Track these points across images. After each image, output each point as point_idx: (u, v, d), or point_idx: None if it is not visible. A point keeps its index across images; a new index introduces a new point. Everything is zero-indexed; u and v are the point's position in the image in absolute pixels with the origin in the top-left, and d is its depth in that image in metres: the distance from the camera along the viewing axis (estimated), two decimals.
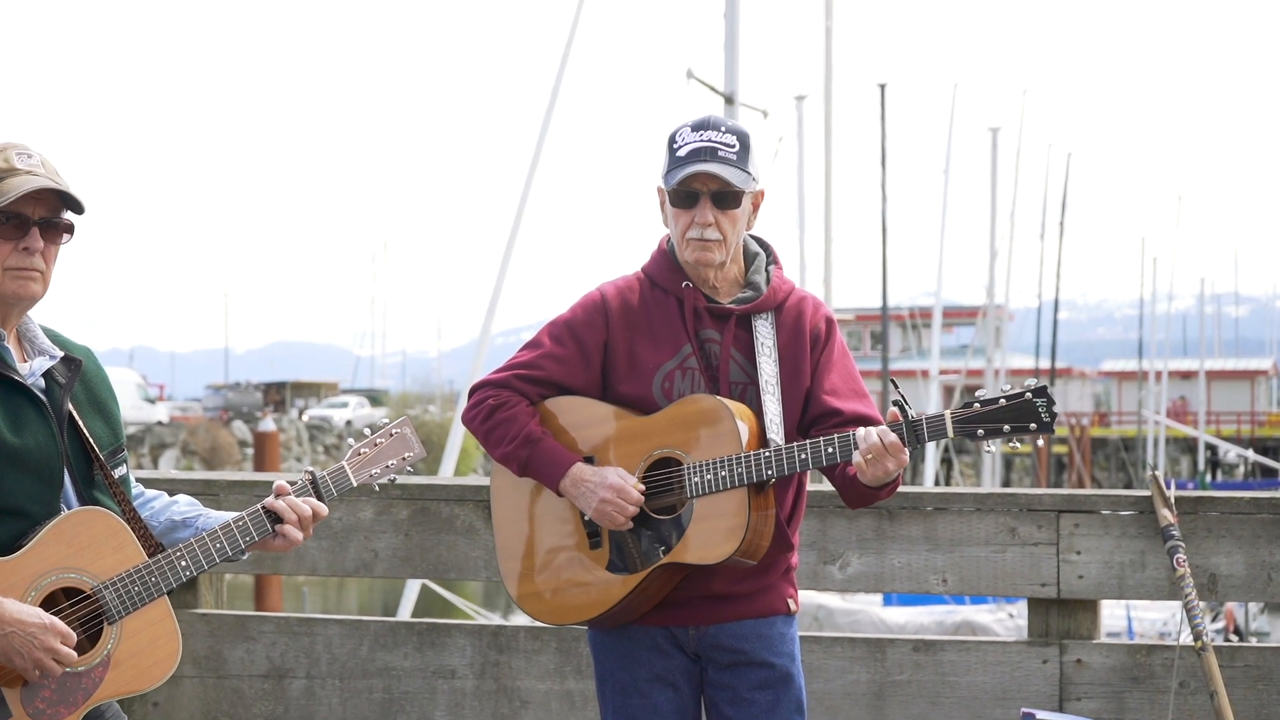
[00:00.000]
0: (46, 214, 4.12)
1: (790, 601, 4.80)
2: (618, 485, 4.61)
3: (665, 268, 4.79)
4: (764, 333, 4.72)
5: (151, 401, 58.98)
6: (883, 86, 44.90)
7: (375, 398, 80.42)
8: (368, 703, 6.26)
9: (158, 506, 4.45)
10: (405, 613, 16.55)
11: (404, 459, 4.58)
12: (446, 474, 17.93)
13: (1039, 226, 52.84)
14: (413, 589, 17.11)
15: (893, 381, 4.73)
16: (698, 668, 4.75)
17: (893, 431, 4.47)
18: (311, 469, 4.45)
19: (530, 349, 4.85)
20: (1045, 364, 51.13)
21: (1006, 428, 4.45)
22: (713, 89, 24.13)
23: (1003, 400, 4.45)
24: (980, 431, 4.46)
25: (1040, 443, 4.77)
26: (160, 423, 56.74)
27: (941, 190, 45.49)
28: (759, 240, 4.88)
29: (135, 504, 4.37)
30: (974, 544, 5.91)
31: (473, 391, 4.86)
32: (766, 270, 4.81)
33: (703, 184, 4.63)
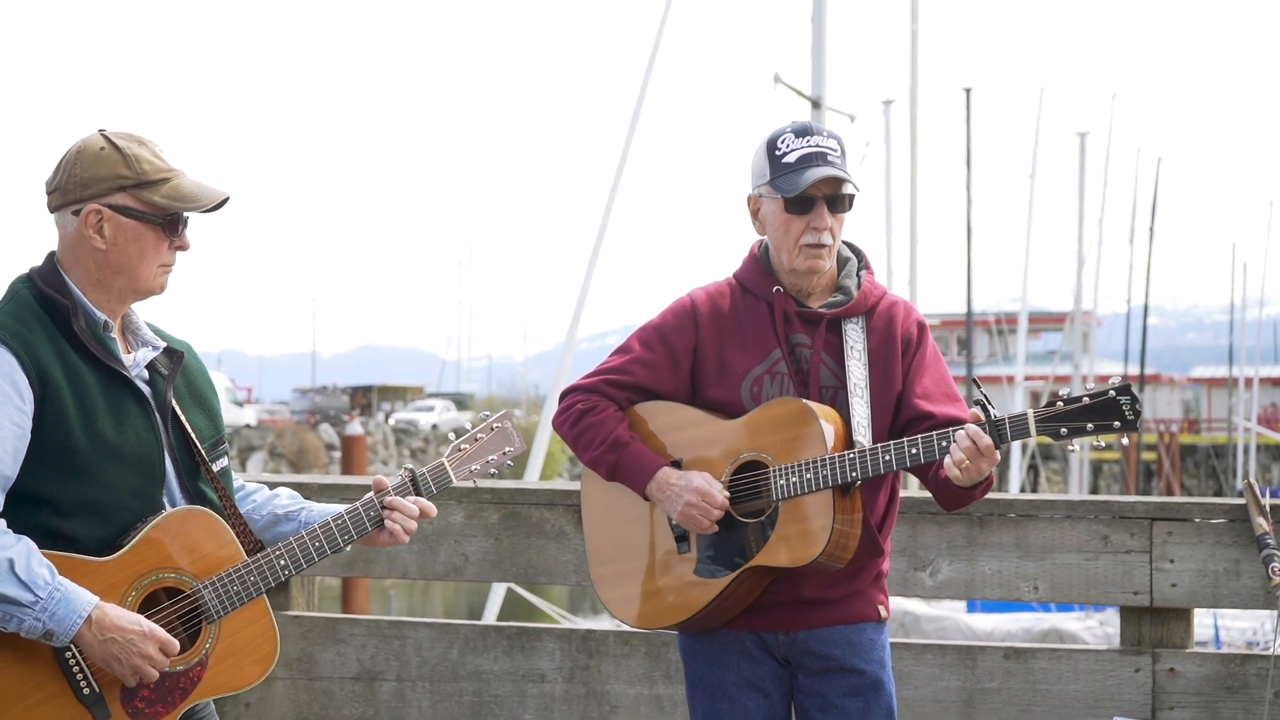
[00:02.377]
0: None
1: (881, 608, 4.78)
2: (702, 489, 4.61)
3: (756, 273, 4.78)
4: (854, 337, 4.70)
5: (240, 404, 59.45)
6: (968, 91, 44.69)
7: (461, 401, 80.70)
8: (457, 705, 6.28)
9: (259, 500, 4.49)
10: (491, 616, 16.58)
11: (504, 453, 4.58)
12: (532, 478, 17.95)
13: (1127, 231, 52.41)
14: (498, 592, 17.14)
15: (975, 382, 4.69)
16: (787, 674, 4.74)
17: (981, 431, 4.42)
18: (411, 466, 4.47)
19: (620, 354, 4.88)
20: (1134, 370, 50.63)
21: (1090, 425, 4.39)
22: (799, 93, 24.07)
23: (1086, 399, 4.39)
24: (1064, 430, 4.40)
25: (1125, 442, 4.74)
26: (248, 425, 57.15)
27: (1027, 195, 45.23)
28: (850, 245, 4.87)
29: (236, 498, 4.40)
30: (1066, 551, 5.87)
31: (563, 396, 4.89)
32: (858, 275, 4.80)
33: (818, 189, 4.62)
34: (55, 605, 3.88)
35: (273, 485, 6.28)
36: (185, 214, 4.16)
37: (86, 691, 4.01)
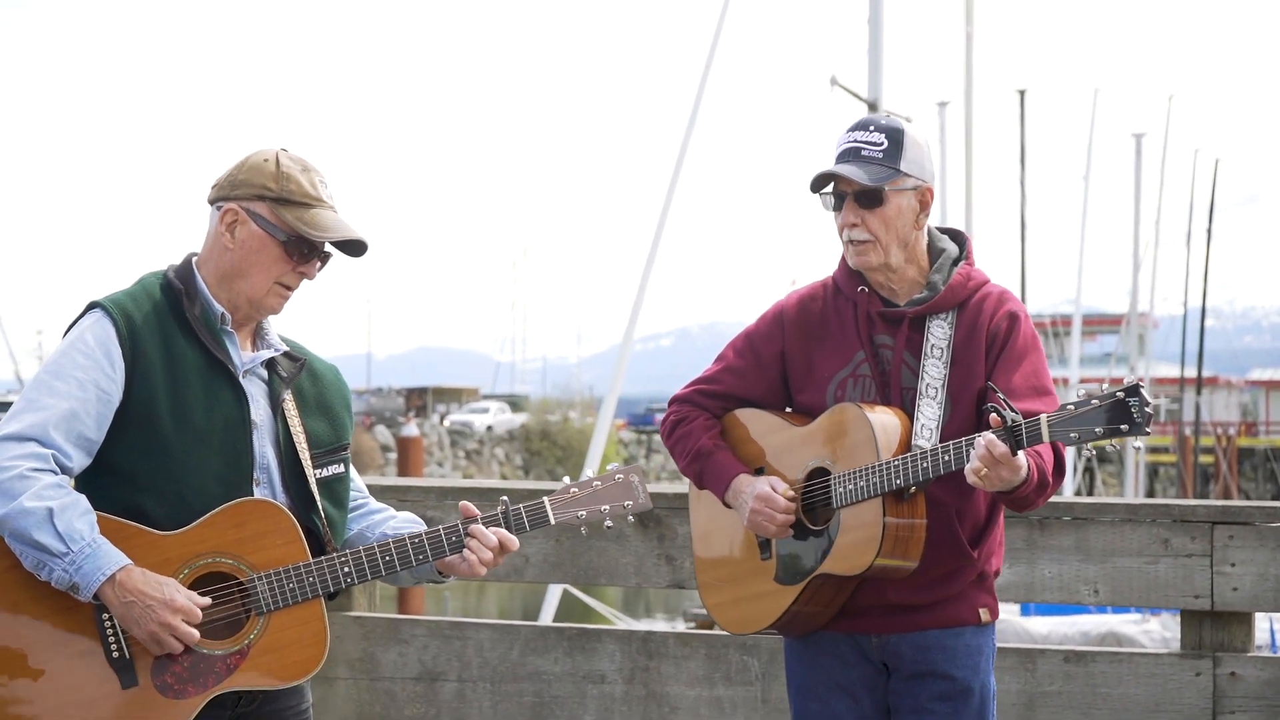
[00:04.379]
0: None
1: (982, 610, 4.70)
2: (765, 495, 4.63)
3: (845, 273, 4.74)
4: (937, 334, 4.62)
5: None
6: (1022, 92, 44.61)
7: (516, 403, 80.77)
8: (518, 706, 6.31)
9: (377, 519, 4.53)
10: (547, 617, 16.61)
11: (625, 506, 4.49)
12: None
13: (1184, 233, 52.12)
14: (554, 594, 17.16)
15: (990, 386, 4.49)
16: (883, 679, 4.70)
17: (999, 438, 4.28)
18: (506, 499, 4.42)
19: (716, 362, 4.93)
20: (1191, 372, 50.36)
21: (1099, 430, 4.23)
22: (856, 95, 24.06)
23: (1095, 401, 4.25)
24: (1074, 434, 4.25)
25: (1140, 445, 4.59)
26: None
27: (1082, 196, 45.06)
28: (954, 235, 4.79)
29: (353, 513, 4.46)
30: (1126, 555, 5.85)
31: (668, 405, 4.97)
32: (951, 267, 4.69)
33: (846, 185, 4.60)
34: (84, 560, 3.95)
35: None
36: (321, 246, 4.27)
37: (116, 655, 4.06)
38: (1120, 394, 4.23)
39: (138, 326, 4.14)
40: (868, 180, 4.55)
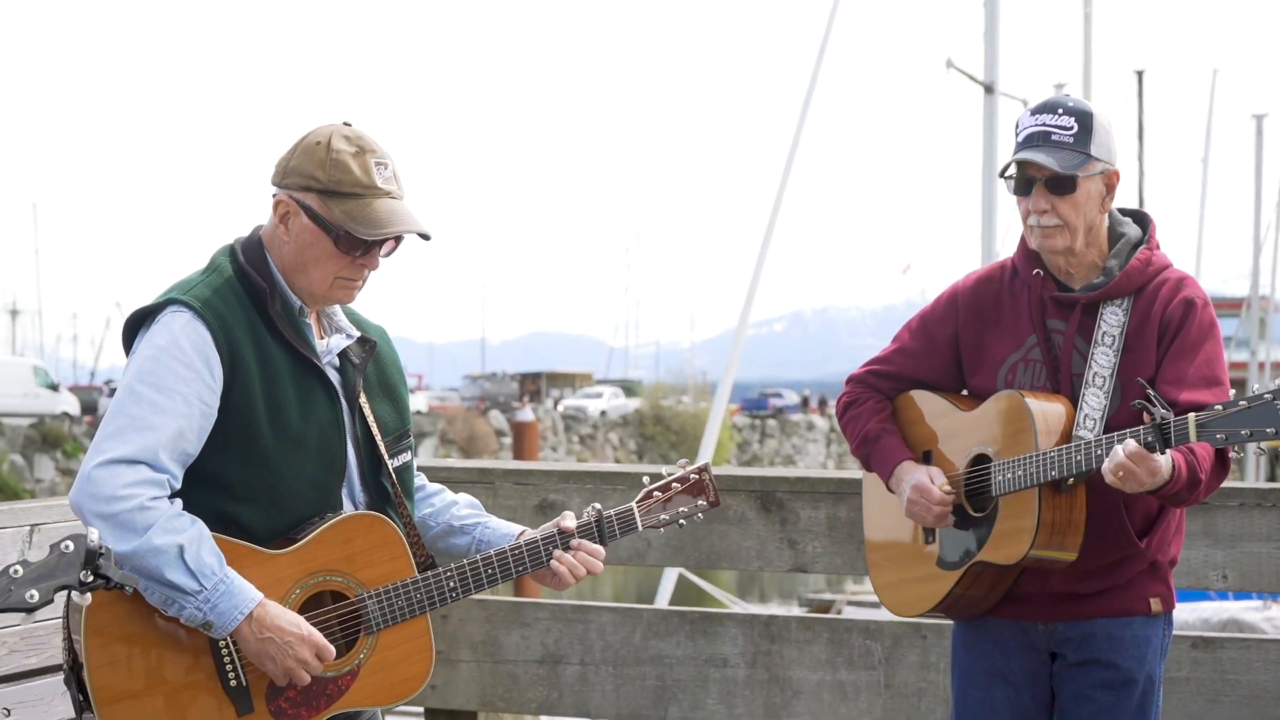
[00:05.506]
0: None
1: (1154, 601, 4.61)
2: (921, 484, 4.61)
3: (1024, 255, 4.67)
4: (1110, 321, 4.54)
5: (411, 391, 60.12)
6: (1140, 73, 44.13)
7: (629, 388, 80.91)
8: (640, 690, 6.32)
9: (438, 505, 4.44)
10: (663, 601, 16.63)
11: (696, 506, 4.46)
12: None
13: None
14: (670, 578, 17.16)
15: (1140, 381, 4.37)
16: (1047, 667, 4.65)
17: (1146, 434, 4.21)
18: (598, 506, 4.38)
19: (891, 343, 4.91)
20: None
21: (1245, 432, 4.13)
22: (972, 78, 23.90)
23: (1242, 403, 4.15)
24: (1220, 435, 4.16)
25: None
26: (419, 412, 57.82)
27: (1201, 179, 44.53)
28: (1138, 218, 4.70)
29: (416, 497, 4.36)
30: (1255, 540, 5.76)
31: (845, 385, 4.95)
32: (1129, 253, 4.59)
33: (1036, 170, 4.50)
34: (219, 598, 3.84)
35: (460, 470, 6.39)
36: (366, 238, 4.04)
37: (234, 683, 3.96)
38: (1268, 396, 4.14)
39: (231, 329, 3.96)
40: (1061, 168, 4.47)
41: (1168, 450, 4.23)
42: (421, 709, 6.67)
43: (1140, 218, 4.69)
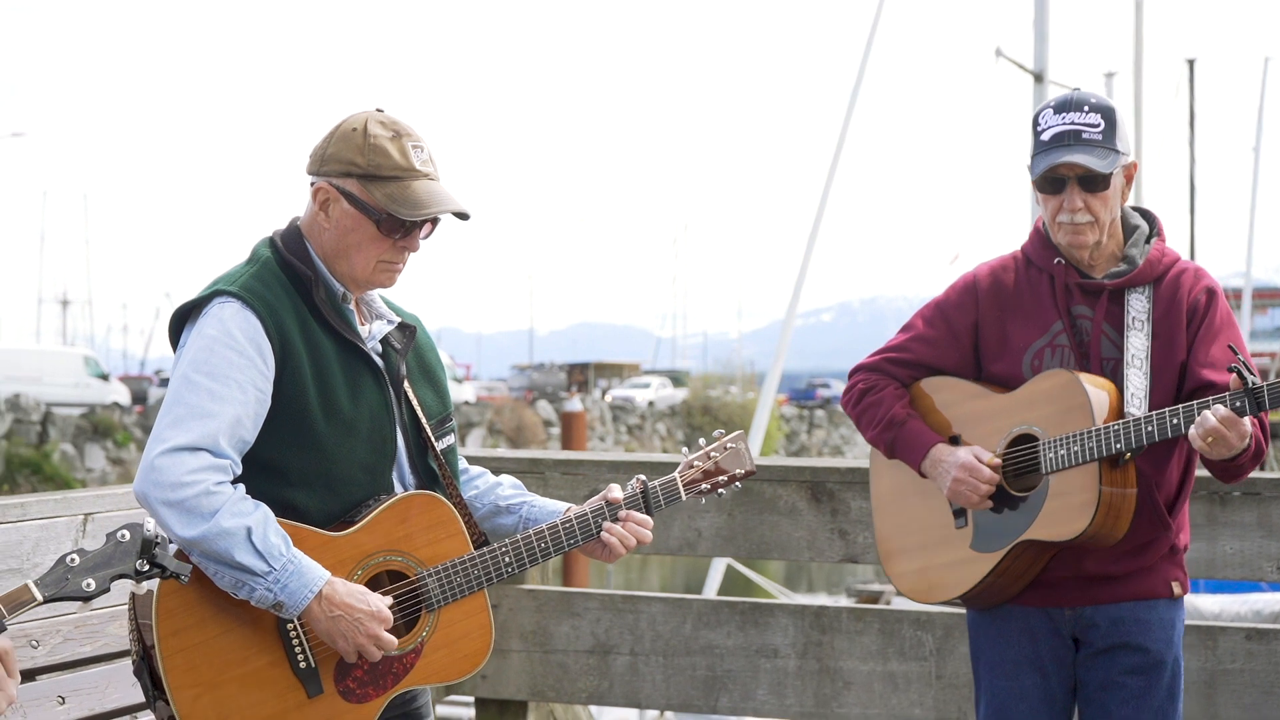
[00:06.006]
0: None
1: (1174, 584, 4.69)
2: (969, 464, 4.62)
3: (1039, 245, 4.74)
4: (1137, 307, 4.62)
5: (459, 381, 60.26)
6: (1191, 62, 43.91)
7: (677, 378, 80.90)
8: (690, 680, 6.32)
9: (482, 486, 4.47)
10: (711, 591, 16.64)
11: (734, 475, 4.51)
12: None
13: None
14: (718, 568, 17.17)
15: (1231, 347, 4.48)
16: (1071, 654, 4.68)
17: (1235, 399, 4.29)
18: (643, 477, 4.41)
19: (903, 331, 4.92)
20: None
21: None
22: (1021, 67, 23.81)
23: None
24: None
25: None
26: (467, 402, 57.95)
27: (1252, 167, 44.29)
28: (1144, 212, 4.80)
29: (460, 480, 4.39)
30: None
31: (850, 375, 4.95)
32: (1146, 243, 4.71)
33: (1068, 169, 4.57)
34: (288, 578, 3.85)
35: (509, 461, 6.40)
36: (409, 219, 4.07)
37: (303, 665, 3.99)
38: None
39: (279, 317, 3.99)
40: (1101, 167, 4.55)
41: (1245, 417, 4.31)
42: (472, 699, 6.69)
43: (1146, 214, 4.80)
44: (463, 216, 4.14)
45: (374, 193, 4.02)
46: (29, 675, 4.52)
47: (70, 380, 50.76)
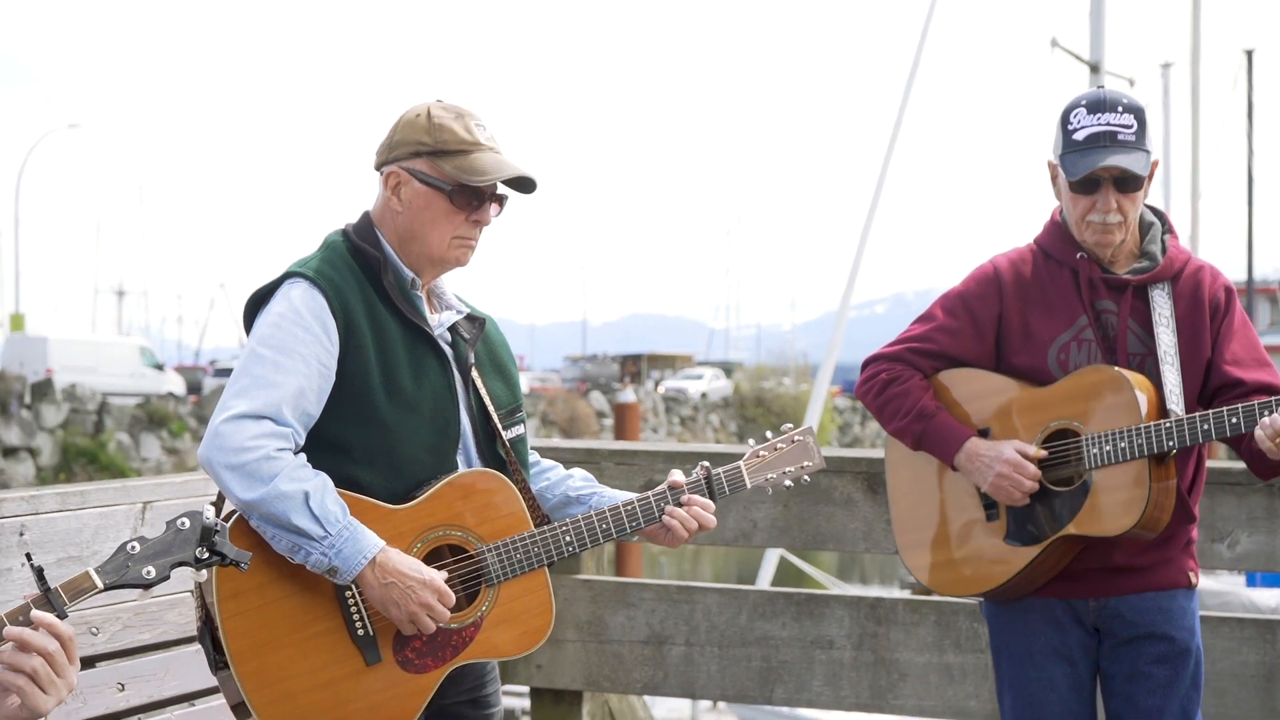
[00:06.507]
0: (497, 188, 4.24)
1: (1191, 574, 4.72)
2: (1014, 460, 4.60)
3: (1058, 239, 4.74)
4: (1161, 303, 4.63)
5: None
6: (1249, 53, 43.58)
7: (729, 369, 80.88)
8: (746, 670, 6.31)
9: (554, 478, 4.50)
10: (765, 582, 16.61)
11: (803, 468, 4.51)
12: None
13: None
14: (772, 559, 17.14)
15: None
16: (1094, 643, 4.70)
17: None
18: (707, 464, 4.43)
19: (923, 322, 4.87)
20: None
21: None
22: (1077, 57, 23.71)
23: None
24: None
25: None
26: None
27: None
28: (1154, 210, 4.81)
29: (531, 472, 4.42)
30: None
31: (866, 365, 4.92)
32: (1162, 240, 4.73)
33: (1105, 171, 4.56)
34: (343, 543, 3.92)
35: (566, 450, 6.41)
36: (489, 190, 4.19)
37: (360, 632, 4.05)
38: None
39: (346, 297, 4.09)
40: (1140, 170, 4.56)
41: None
42: (527, 688, 6.70)
43: (1156, 211, 4.82)
44: (528, 186, 4.23)
45: (443, 166, 4.15)
46: (89, 662, 4.57)
47: (126, 370, 51.08)
